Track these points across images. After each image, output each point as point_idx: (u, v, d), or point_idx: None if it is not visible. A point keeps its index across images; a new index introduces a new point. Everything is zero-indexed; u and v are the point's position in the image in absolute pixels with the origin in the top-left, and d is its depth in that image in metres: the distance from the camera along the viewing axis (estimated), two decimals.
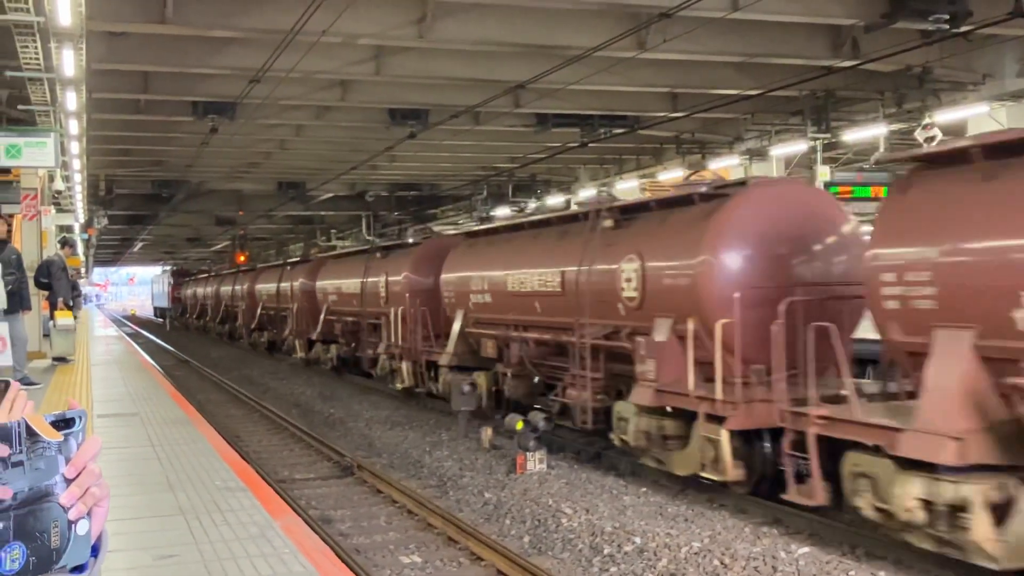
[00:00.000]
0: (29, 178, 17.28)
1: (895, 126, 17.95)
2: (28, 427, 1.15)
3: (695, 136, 23.12)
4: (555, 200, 30.21)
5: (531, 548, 8.90)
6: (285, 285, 28.93)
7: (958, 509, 6.91)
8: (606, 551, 8.45)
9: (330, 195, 34.88)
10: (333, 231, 44.52)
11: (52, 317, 16.20)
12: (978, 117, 16.70)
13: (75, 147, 17.30)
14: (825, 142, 19.01)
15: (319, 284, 24.90)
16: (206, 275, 51.50)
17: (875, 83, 17.45)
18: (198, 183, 32.90)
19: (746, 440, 9.47)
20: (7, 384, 1.28)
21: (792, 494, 8.44)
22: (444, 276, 16.43)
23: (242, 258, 46.14)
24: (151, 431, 10.00)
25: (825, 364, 8.97)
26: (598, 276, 11.61)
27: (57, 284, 15.74)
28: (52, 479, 1.16)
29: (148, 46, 15.24)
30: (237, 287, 37.99)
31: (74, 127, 15.22)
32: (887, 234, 7.96)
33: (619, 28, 13.53)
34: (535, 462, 11.56)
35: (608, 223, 11.68)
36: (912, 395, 8.00)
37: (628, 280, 10.98)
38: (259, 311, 33.18)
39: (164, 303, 64.33)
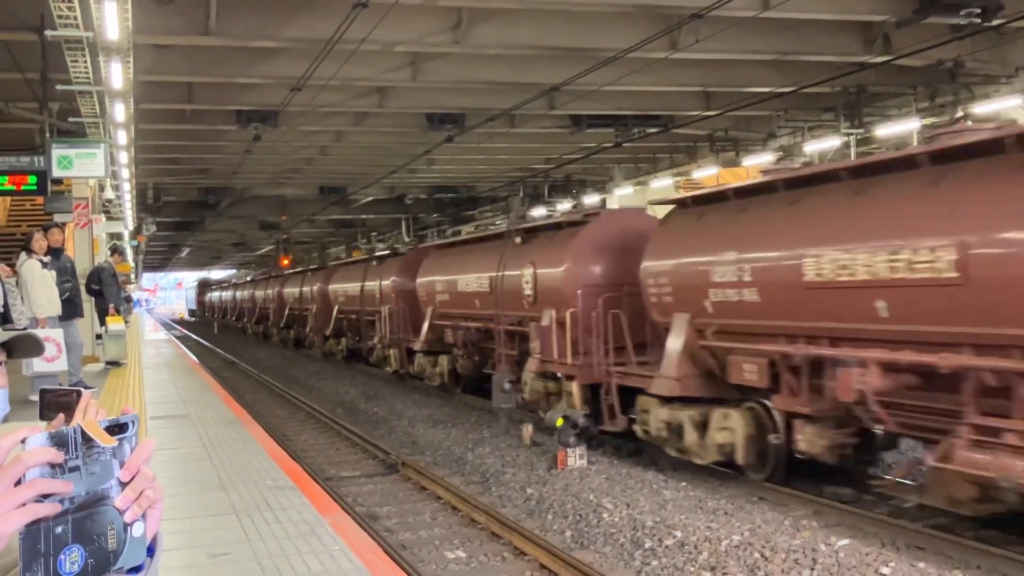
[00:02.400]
0: (80, 188, 17.74)
1: (928, 120, 17.86)
2: (83, 433, 1.17)
3: (728, 134, 23.10)
4: (591, 199, 30.27)
5: (573, 543, 9.02)
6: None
7: None
8: (647, 545, 8.54)
9: (370, 199, 35.26)
10: (374, 234, 44.99)
11: (103, 323, 16.64)
12: (1011, 110, 16.58)
13: (124, 157, 17.71)
14: (858, 137, 18.99)
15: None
16: (238, 281, 59.99)
17: (907, 78, 17.38)
18: (242, 189, 33.44)
19: None
20: (79, 393, 1.35)
21: None
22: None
23: (286, 261, 46.82)
24: (202, 432, 10.27)
25: None
26: None
27: (108, 290, 16.18)
28: (107, 483, 1.17)
29: (192, 58, 15.61)
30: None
31: (122, 137, 15.60)
32: None
33: (651, 29, 13.64)
34: (576, 458, 11.65)
35: None
36: None
37: None
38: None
39: (193, 306, 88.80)
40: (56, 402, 1.33)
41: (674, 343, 10.77)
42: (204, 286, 79.05)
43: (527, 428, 13.42)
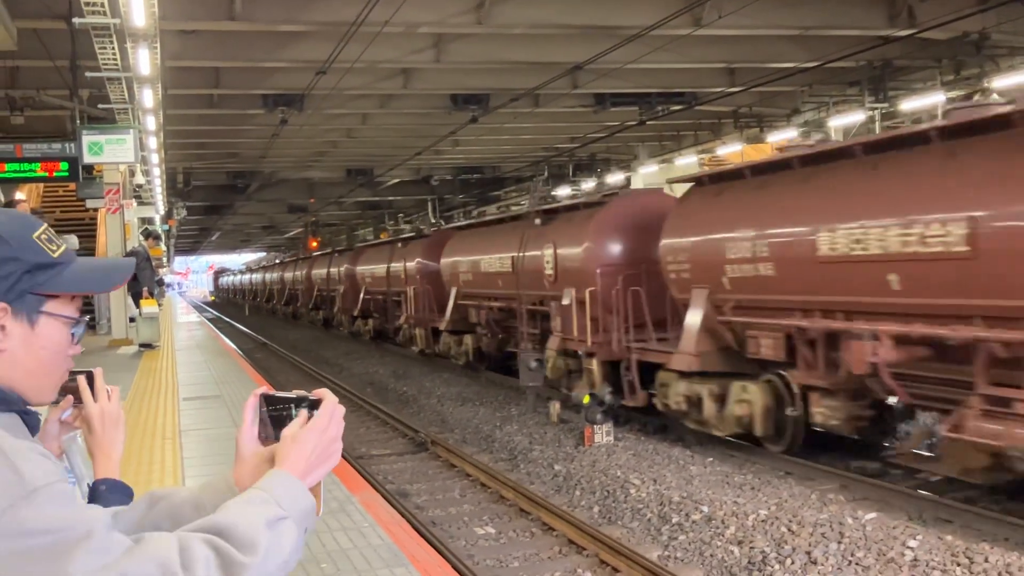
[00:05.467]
0: (111, 173, 17.95)
1: (953, 93, 17.66)
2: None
3: (753, 110, 22.95)
4: (616, 178, 30.22)
5: (601, 518, 9.12)
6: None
7: None
8: (674, 520, 8.61)
9: (396, 180, 35.39)
10: (401, 215, 45.18)
11: (137, 306, 16.89)
12: None
13: (153, 142, 17.88)
14: (883, 111, 18.83)
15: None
16: (267, 264, 64.31)
17: (932, 51, 17.17)
18: (270, 173, 33.68)
19: None
20: (90, 375, 1.46)
21: None
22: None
23: (314, 244, 47.12)
24: (234, 412, 10.37)
25: None
26: None
27: (141, 274, 16.39)
28: None
29: (219, 43, 15.74)
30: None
31: (151, 123, 15.75)
32: None
33: (674, 6, 13.57)
34: (602, 435, 11.73)
35: None
36: None
37: None
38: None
39: (212, 289, 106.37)
40: (64, 386, 1.43)
41: (693, 318, 10.95)
42: (218, 273, 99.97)
43: (554, 406, 13.51)
